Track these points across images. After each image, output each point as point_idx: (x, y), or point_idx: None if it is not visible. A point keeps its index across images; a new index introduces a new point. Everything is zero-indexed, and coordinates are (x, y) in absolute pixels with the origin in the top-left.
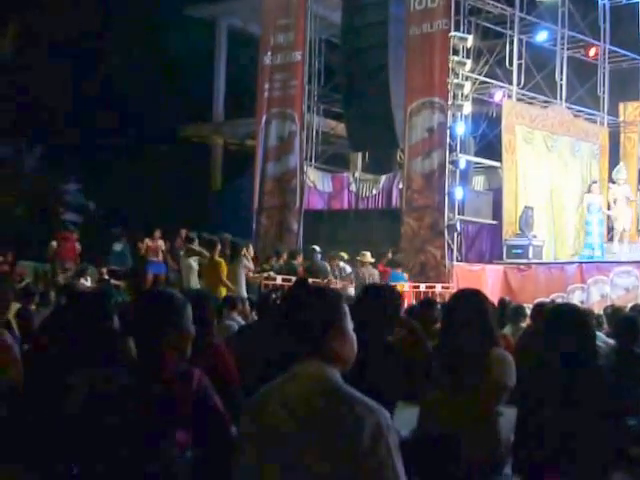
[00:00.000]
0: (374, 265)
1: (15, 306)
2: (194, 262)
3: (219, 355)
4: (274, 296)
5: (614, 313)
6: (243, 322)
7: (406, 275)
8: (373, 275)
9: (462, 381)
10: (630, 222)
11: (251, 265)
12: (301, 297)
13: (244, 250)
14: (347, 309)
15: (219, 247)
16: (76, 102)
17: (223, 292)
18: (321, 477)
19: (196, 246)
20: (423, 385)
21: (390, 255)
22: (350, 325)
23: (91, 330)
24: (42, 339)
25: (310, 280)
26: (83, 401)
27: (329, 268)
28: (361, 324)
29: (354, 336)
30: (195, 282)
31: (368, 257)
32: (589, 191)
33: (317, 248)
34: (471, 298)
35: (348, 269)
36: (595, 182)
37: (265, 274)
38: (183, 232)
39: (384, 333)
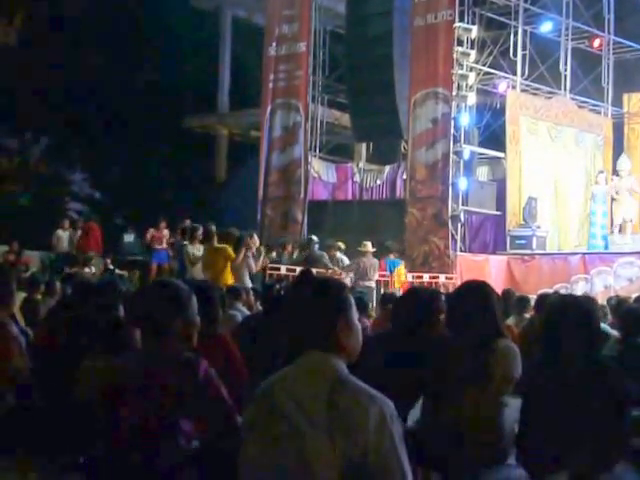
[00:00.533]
0: (375, 255)
1: (21, 295)
2: (198, 251)
3: (225, 346)
4: (278, 286)
5: (618, 304)
6: (247, 312)
7: (402, 262)
8: (374, 265)
9: (468, 372)
10: (634, 213)
11: (260, 259)
12: (306, 289)
13: (248, 239)
14: (352, 300)
15: (215, 236)
16: (81, 93)
17: (229, 280)
18: (327, 466)
19: (198, 236)
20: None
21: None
22: (355, 316)
23: (97, 320)
24: (48, 329)
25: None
26: (90, 390)
27: (327, 257)
28: (405, 323)
29: (359, 327)
30: (198, 272)
31: (369, 247)
32: (596, 182)
33: (315, 238)
34: (477, 290)
35: (345, 260)
36: (602, 172)
37: (263, 257)
38: (187, 222)
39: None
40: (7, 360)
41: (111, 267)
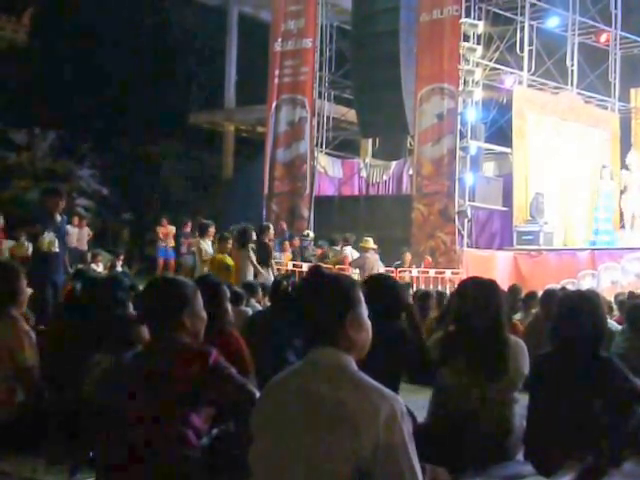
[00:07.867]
0: (376, 251)
1: (28, 291)
2: (208, 247)
3: (232, 341)
4: (286, 283)
5: (625, 300)
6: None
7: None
8: (378, 260)
9: (482, 368)
10: None
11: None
12: (316, 284)
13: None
14: (362, 296)
15: (209, 232)
16: (89, 89)
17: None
18: (336, 464)
19: (210, 232)
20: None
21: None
22: (365, 312)
23: (105, 316)
24: (56, 324)
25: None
26: (99, 386)
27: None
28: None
29: (369, 323)
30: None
31: (371, 243)
32: (601, 177)
33: (311, 233)
34: (484, 286)
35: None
36: (605, 167)
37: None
38: (199, 220)
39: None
40: (19, 356)
41: (120, 264)
